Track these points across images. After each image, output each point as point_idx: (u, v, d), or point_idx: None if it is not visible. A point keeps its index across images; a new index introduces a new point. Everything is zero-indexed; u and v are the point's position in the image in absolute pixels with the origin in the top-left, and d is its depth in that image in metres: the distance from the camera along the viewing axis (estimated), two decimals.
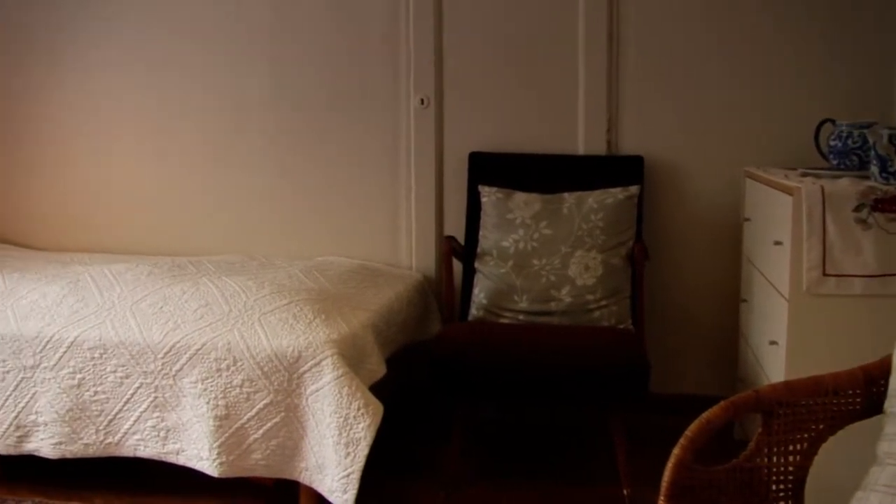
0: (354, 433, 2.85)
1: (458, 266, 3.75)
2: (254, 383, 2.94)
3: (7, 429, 3.18)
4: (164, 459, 3.09)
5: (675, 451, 1.76)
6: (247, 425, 2.96)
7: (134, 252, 4.29)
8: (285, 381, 2.93)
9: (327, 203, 4.16)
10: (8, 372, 3.17)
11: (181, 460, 3.06)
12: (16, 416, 3.17)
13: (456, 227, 3.94)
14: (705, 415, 1.79)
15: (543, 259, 3.54)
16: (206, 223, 4.31)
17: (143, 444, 3.08)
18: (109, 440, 3.10)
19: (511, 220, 3.62)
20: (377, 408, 2.90)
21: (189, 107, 4.26)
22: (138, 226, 4.38)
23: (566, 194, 3.67)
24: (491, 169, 3.86)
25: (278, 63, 4.13)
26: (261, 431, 2.96)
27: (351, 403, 2.86)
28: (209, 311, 3.15)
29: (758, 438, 1.84)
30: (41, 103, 4.45)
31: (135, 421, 3.07)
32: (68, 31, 4.36)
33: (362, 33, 4.02)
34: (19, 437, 3.18)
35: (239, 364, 2.96)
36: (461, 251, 3.77)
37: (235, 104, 4.20)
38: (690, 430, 1.78)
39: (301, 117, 4.13)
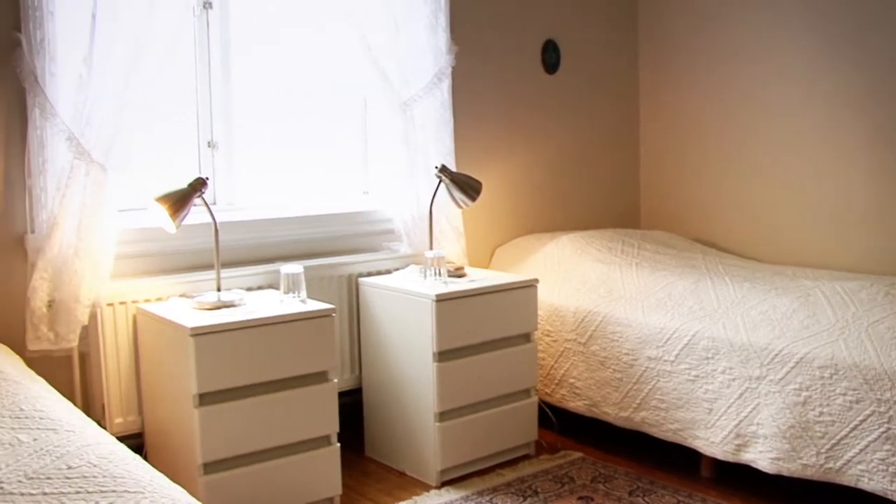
0: None
1: None
2: None
3: (727, 435, 3.23)
4: (890, 497, 2.87)
5: None
6: None
7: (847, 269, 4.03)
8: None
9: None
10: (734, 380, 3.22)
11: None
12: (737, 425, 3.21)
13: None
14: None
15: None
16: None
17: (867, 476, 2.89)
18: (830, 465, 2.97)
19: None
20: None
21: None
22: (852, 242, 4.16)
23: None
24: None
25: None
26: None
27: None
28: None
29: None
30: (755, 116, 4.50)
31: (861, 450, 2.89)
32: (749, 41, 4.34)
33: None
34: (738, 445, 3.21)
35: None
36: None
37: None
38: None
39: None
